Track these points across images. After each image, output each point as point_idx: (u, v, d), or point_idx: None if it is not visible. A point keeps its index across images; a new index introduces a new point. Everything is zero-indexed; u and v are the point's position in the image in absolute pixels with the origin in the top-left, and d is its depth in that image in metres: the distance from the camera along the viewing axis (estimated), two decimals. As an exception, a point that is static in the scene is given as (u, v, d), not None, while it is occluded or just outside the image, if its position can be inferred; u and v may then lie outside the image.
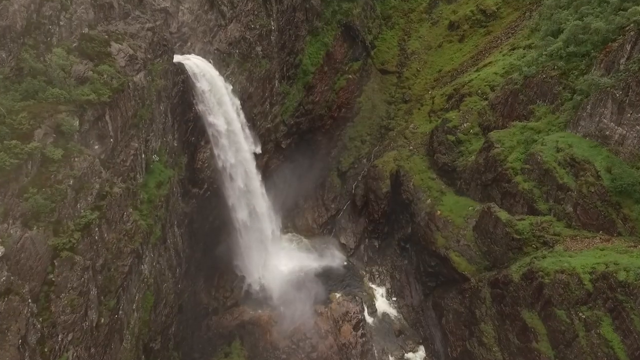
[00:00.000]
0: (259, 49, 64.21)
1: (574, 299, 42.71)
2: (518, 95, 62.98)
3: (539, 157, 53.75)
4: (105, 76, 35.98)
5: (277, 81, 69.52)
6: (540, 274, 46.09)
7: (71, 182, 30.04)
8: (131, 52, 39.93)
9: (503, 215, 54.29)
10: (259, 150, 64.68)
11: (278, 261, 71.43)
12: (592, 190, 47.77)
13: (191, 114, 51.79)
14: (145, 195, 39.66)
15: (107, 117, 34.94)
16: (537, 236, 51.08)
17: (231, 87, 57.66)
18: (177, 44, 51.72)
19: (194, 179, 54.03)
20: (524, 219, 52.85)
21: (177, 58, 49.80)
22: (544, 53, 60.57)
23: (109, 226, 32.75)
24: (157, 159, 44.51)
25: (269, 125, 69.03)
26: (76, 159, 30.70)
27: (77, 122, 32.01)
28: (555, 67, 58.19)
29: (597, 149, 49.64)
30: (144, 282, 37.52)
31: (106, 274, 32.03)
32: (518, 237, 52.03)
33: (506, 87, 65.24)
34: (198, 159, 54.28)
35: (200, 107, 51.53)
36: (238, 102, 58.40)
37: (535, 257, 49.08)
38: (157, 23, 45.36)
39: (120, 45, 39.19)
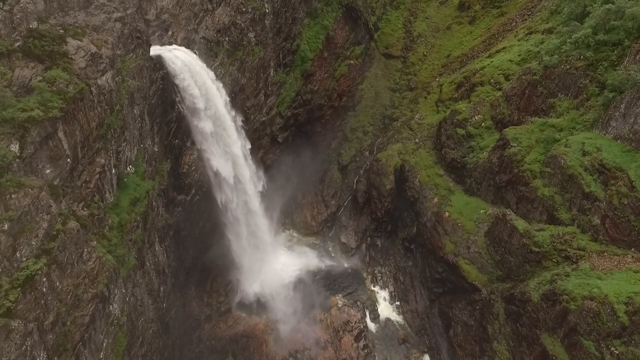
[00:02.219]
0: (251, 35, 56.26)
1: (606, 331, 36.60)
2: (537, 87, 55.54)
3: (562, 160, 46.84)
4: (59, 82, 28.66)
5: (272, 70, 61.77)
6: (564, 297, 39.91)
7: (6, 227, 23.37)
8: (94, 49, 32.47)
9: (520, 224, 47.76)
10: (261, 187, 59.35)
11: (275, 262, 65.45)
12: (625, 202, 41.03)
13: (174, 113, 44.64)
14: (116, 219, 32.95)
15: (60, 134, 27.90)
16: (558, 250, 44.70)
17: (240, 121, 52.44)
18: (156, 34, 44.03)
19: (180, 185, 47.27)
20: (543, 229, 46.35)
21: (155, 50, 42.24)
22: (568, 40, 52.83)
23: (62, 272, 26.29)
24: (133, 170, 37.65)
25: (263, 119, 61.67)
26: (13, 195, 23.90)
27: (17, 146, 25.06)
28: (582, 57, 50.60)
29: (631, 154, 42.67)
30: (114, 323, 31.34)
31: (60, 331, 25.82)
32: (537, 249, 45.66)
33: (523, 77, 57.68)
34: (183, 162, 47.36)
35: (199, 145, 45.85)
36: (249, 145, 52.88)
37: (557, 275, 42.82)
38: (129, 11, 37.62)
39: (79, 42, 31.73)
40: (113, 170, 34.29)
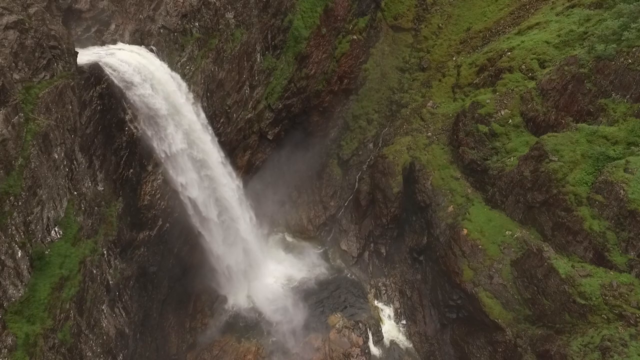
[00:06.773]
0: (230, 15, 42.34)
1: None
2: (584, 82, 42.80)
3: (620, 190, 35.40)
4: None
5: (259, 55, 48.14)
6: (625, 383, 29.77)
7: None
8: (-36, 83, 19.74)
9: (561, 267, 37.06)
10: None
11: (266, 273, 55.40)
12: None
13: (123, 137, 32.17)
14: (23, 330, 21.79)
15: None
16: (610, 305, 34.26)
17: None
18: (93, 30, 30.75)
19: (140, 221, 35.84)
20: (591, 276, 35.66)
21: (89, 55, 29.04)
22: (632, 25, 39.42)
23: None
24: (60, 234, 26.03)
25: (249, 115, 48.94)
26: None
27: None
28: (651, 49, 37.34)
29: None
30: None
31: None
32: (582, 302, 35.12)
33: (566, 68, 44.62)
34: (144, 193, 35.67)
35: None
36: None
37: (609, 340, 32.72)
38: (32, 10, 24.24)
39: None
40: (20, 254, 22.76)
